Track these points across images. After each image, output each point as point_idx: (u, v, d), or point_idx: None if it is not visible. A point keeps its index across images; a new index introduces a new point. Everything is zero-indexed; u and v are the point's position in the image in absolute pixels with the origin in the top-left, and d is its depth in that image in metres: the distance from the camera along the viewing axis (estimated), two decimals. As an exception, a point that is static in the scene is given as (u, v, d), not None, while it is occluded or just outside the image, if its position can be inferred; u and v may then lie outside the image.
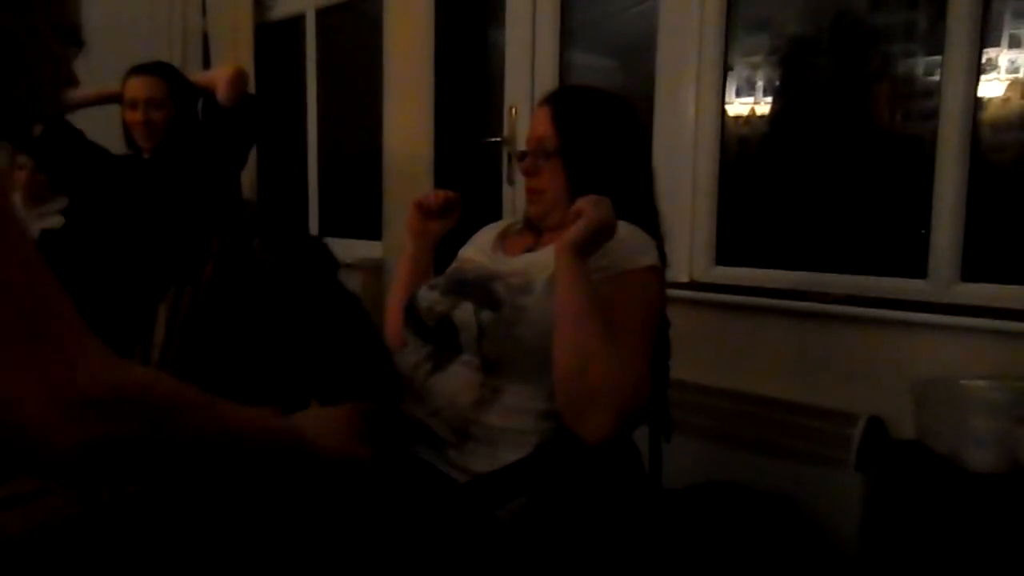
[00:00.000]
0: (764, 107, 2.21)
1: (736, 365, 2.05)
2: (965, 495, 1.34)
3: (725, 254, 2.23)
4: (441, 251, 1.54)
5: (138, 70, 2.33)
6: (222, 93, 2.36)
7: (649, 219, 1.35)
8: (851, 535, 1.71)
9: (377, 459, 1.08)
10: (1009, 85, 1.80)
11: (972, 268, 1.80)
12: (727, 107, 2.22)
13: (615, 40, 2.58)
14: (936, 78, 1.86)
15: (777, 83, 2.19)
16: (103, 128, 2.43)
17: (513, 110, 2.60)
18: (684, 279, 2.21)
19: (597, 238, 1.15)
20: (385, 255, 2.88)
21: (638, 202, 1.35)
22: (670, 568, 1.54)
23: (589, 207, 1.14)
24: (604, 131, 1.34)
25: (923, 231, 1.85)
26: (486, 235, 1.48)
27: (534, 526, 1.14)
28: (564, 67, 2.58)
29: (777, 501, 1.73)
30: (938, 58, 1.84)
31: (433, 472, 1.18)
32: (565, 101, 1.37)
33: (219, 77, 2.41)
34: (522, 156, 1.37)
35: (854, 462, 1.71)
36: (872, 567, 1.66)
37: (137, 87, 2.30)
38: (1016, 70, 1.79)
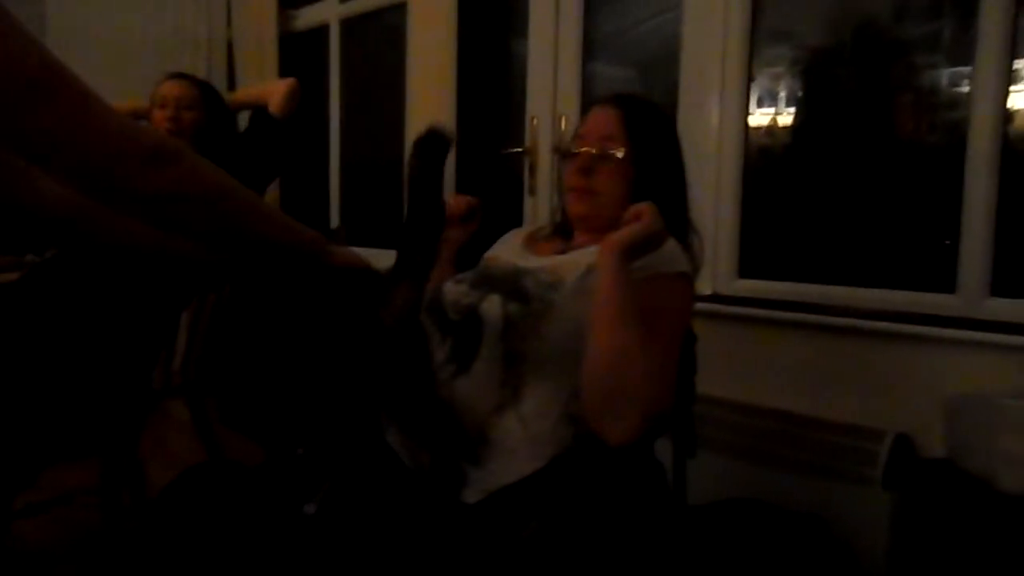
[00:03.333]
0: (786, 118, 2.20)
1: (759, 380, 2.03)
2: (996, 516, 1.31)
3: (748, 266, 2.21)
4: (465, 258, 1.54)
5: (172, 76, 2.35)
6: (277, 105, 2.37)
7: (685, 235, 1.35)
8: (879, 554, 1.68)
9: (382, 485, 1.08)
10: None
11: (1003, 283, 1.77)
12: (749, 118, 2.21)
13: (637, 51, 2.57)
14: (962, 89, 1.84)
15: (800, 94, 2.18)
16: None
17: (535, 120, 2.60)
18: (707, 292, 2.19)
19: (648, 245, 1.13)
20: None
21: (681, 217, 1.34)
22: (694, 586, 1.52)
23: (651, 212, 1.13)
24: (668, 142, 1.34)
25: (948, 242, 1.82)
26: (513, 238, 1.47)
27: (555, 543, 1.13)
28: (586, 78, 2.57)
29: (804, 519, 1.71)
30: (964, 69, 1.82)
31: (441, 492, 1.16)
32: (635, 108, 1.34)
33: (275, 90, 2.42)
34: (570, 154, 1.33)
35: (881, 480, 1.68)
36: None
37: (170, 87, 2.30)
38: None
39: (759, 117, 2.22)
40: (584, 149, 1.31)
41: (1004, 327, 1.68)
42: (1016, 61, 1.76)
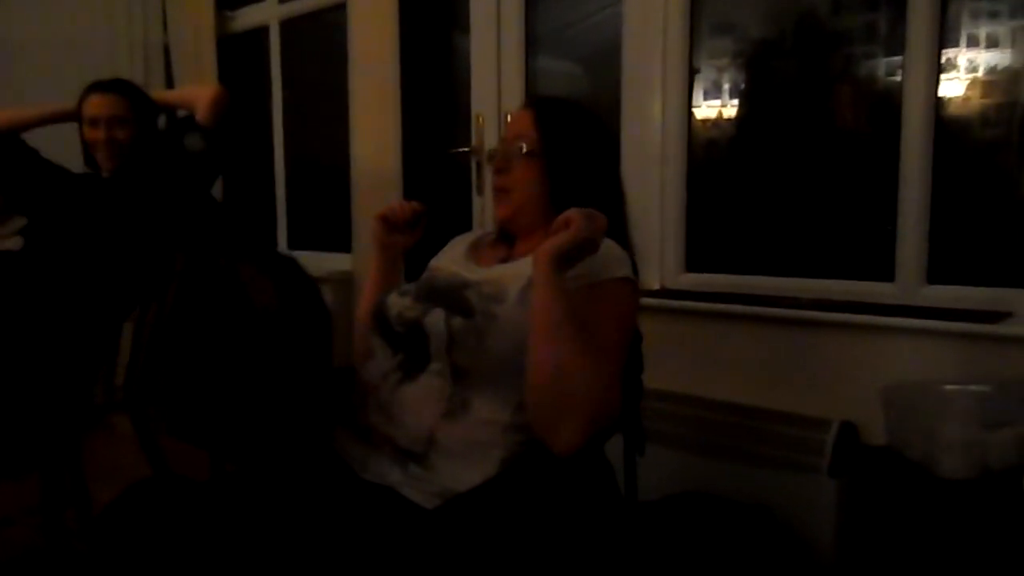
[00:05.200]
0: (731, 110, 2.21)
1: (707, 372, 2.04)
2: (936, 501, 1.33)
3: (695, 260, 2.22)
4: (413, 263, 1.52)
5: (98, 87, 2.28)
6: (203, 113, 2.32)
7: (620, 232, 1.34)
8: (827, 542, 1.70)
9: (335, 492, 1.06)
10: (969, 84, 1.81)
11: (939, 270, 1.81)
12: (695, 110, 2.22)
13: (582, 46, 2.57)
14: (897, 79, 1.86)
15: (742, 86, 2.20)
16: (57, 146, 2.38)
17: (480, 118, 2.58)
18: (655, 286, 2.20)
19: (581, 252, 1.13)
20: (355, 268, 2.85)
21: (612, 215, 1.34)
22: (647, 582, 1.53)
23: (580, 219, 1.12)
24: (584, 138, 1.34)
25: (889, 227, 1.85)
26: (458, 245, 1.47)
27: (507, 546, 1.13)
28: (531, 74, 2.56)
29: (752, 509, 1.72)
30: (899, 59, 1.85)
31: (397, 499, 1.15)
32: (548, 106, 1.37)
33: (200, 96, 2.36)
34: (493, 154, 1.36)
35: (827, 468, 1.70)
36: (849, 574, 1.65)
37: (98, 104, 2.25)
38: (975, 69, 1.80)
39: (705, 109, 2.23)
40: (493, 148, 1.36)
41: (941, 313, 1.72)
42: (945, 51, 1.79)
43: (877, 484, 1.54)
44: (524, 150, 1.31)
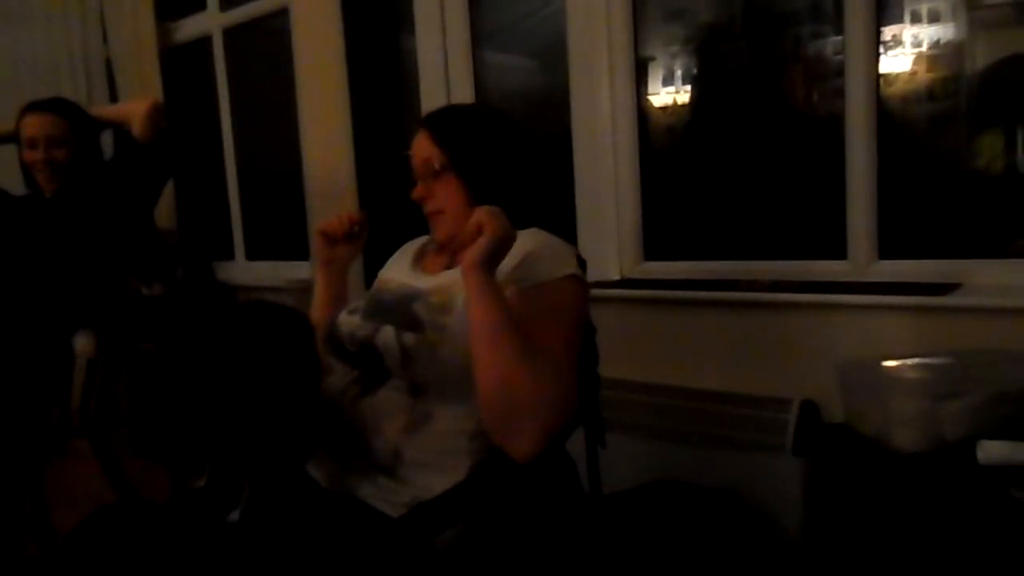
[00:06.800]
0: (685, 96, 2.21)
1: (669, 360, 2.04)
2: (893, 475, 1.35)
3: (655, 249, 2.22)
4: (370, 268, 1.50)
5: (34, 107, 2.23)
6: (138, 128, 2.27)
7: (546, 222, 1.33)
8: (795, 522, 1.72)
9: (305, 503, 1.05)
10: (914, 59, 1.82)
11: (890, 246, 1.82)
12: (652, 98, 2.22)
13: (531, 41, 2.56)
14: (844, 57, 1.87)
15: (694, 71, 2.20)
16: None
17: (430, 118, 2.56)
18: (615, 277, 2.20)
19: (502, 249, 1.12)
20: (313, 275, 2.81)
21: (534, 202, 1.34)
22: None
23: (489, 218, 1.11)
24: (485, 137, 1.33)
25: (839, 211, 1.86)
26: (405, 254, 1.46)
27: (472, 551, 1.12)
28: (479, 71, 2.54)
29: (718, 495, 1.73)
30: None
31: (364, 508, 1.14)
32: (439, 120, 1.35)
33: (134, 111, 2.31)
34: (411, 188, 1.35)
35: (791, 447, 1.71)
36: (816, 552, 1.66)
37: (36, 125, 2.20)
38: (919, 44, 1.82)
39: (664, 97, 2.23)
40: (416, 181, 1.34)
41: (892, 288, 1.73)
42: (890, 27, 1.81)
43: (837, 461, 1.55)
44: (435, 168, 1.30)
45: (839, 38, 1.88)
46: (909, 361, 1.37)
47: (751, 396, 1.84)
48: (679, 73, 2.22)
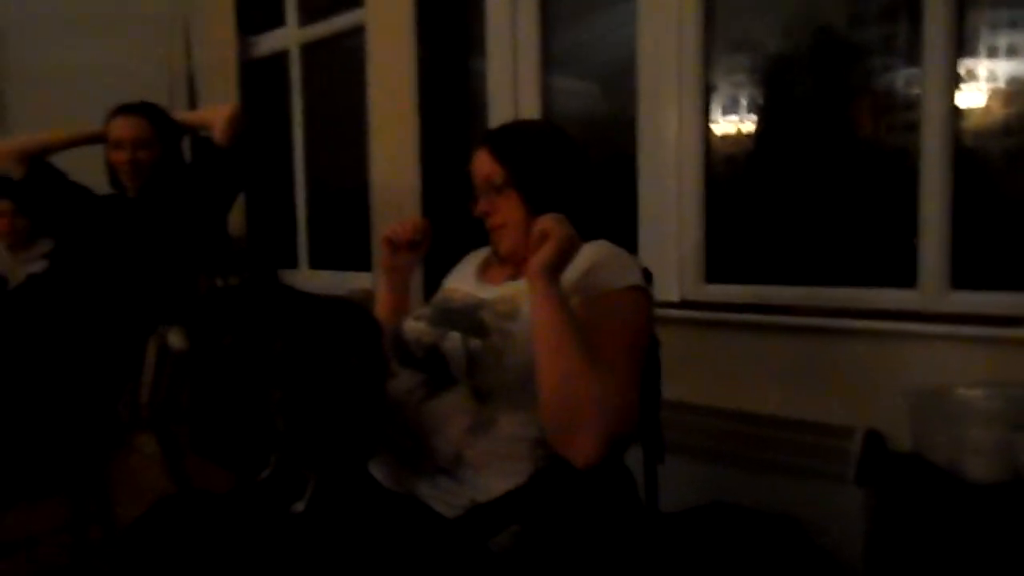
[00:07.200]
0: (749, 125, 2.22)
1: (730, 383, 2.03)
2: (966, 506, 1.31)
3: (717, 272, 2.22)
4: (432, 277, 1.53)
5: (123, 110, 2.32)
6: (220, 133, 2.36)
7: (613, 232, 1.35)
8: (855, 551, 1.68)
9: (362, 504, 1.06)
10: (989, 94, 1.80)
11: (962, 276, 1.80)
12: (712, 126, 2.23)
13: (597, 65, 2.59)
14: (917, 91, 1.86)
15: (760, 101, 2.20)
16: (84, 168, 2.43)
17: (498, 137, 2.60)
18: (674, 298, 2.20)
19: (567, 255, 1.14)
20: (376, 285, 2.86)
21: (594, 212, 1.35)
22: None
23: (554, 225, 1.13)
24: (544, 152, 1.34)
25: (913, 239, 1.84)
26: (469, 264, 1.48)
27: (528, 556, 1.12)
28: (546, 93, 2.59)
29: (777, 520, 1.71)
30: (917, 70, 1.85)
31: (422, 508, 1.15)
32: (499, 137, 1.38)
33: (217, 116, 2.40)
34: (475, 203, 1.37)
35: (854, 476, 1.68)
36: (877, 583, 1.63)
37: (123, 127, 2.29)
38: (995, 79, 1.80)
39: (723, 125, 2.24)
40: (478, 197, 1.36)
41: (965, 319, 1.70)
42: (965, 61, 1.79)
43: (904, 492, 1.51)
44: (497, 184, 1.32)
45: (911, 71, 1.87)
46: (984, 390, 1.34)
47: (813, 423, 1.81)
48: (743, 102, 2.22)
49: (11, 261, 2.98)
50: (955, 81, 1.80)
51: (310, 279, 3.41)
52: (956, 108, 1.80)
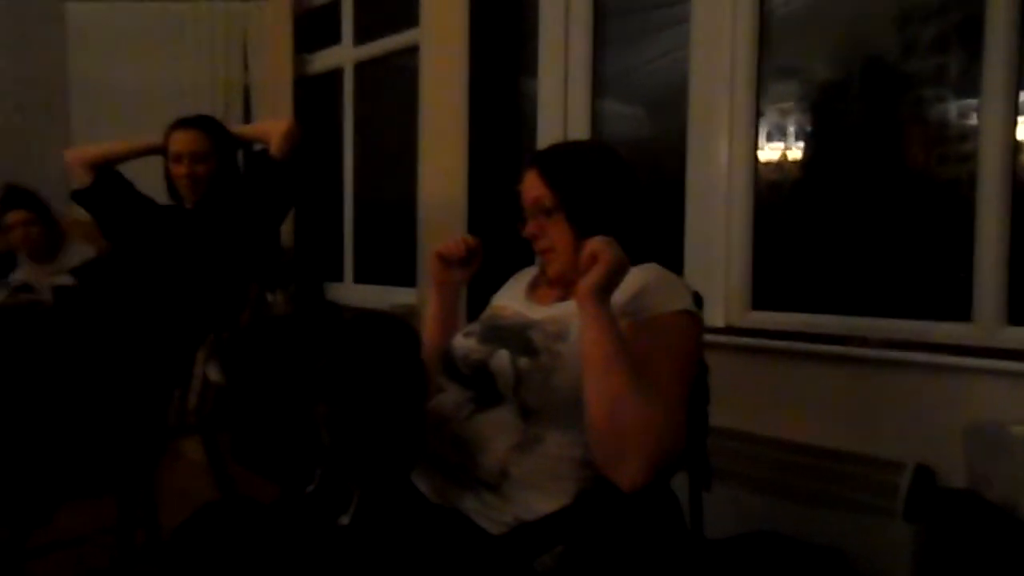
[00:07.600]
0: (796, 152, 2.21)
1: (776, 412, 2.01)
2: (1021, 545, 1.28)
3: (763, 299, 2.21)
4: (478, 295, 1.54)
5: (182, 124, 2.38)
6: (276, 147, 2.41)
7: (658, 257, 1.34)
8: (902, 588, 1.65)
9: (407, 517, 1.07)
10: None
11: (1018, 311, 1.77)
12: (758, 153, 2.23)
13: (646, 90, 2.60)
14: (971, 122, 1.85)
15: (808, 128, 2.20)
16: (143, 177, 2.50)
17: (546, 158, 2.62)
18: (720, 324, 2.19)
19: (616, 277, 1.14)
20: (420, 301, 2.90)
21: (643, 237, 1.34)
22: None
23: (603, 248, 1.13)
24: (594, 177, 1.33)
25: (963, 275, 1.82)
26: (518, 283, 1.48)
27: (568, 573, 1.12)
28: (596, 116, 2.60)
29: (823, 552, 1.68)
30: (971, 101, 1.84)
31: (466, 523, 1.16)
32: (549, 158, 1.36)
33: (273, 130, 2.45)
34: (524, 224, 1.36)
35: (902, 512, 1.65)
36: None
37: (182, 141, 2.35)
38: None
39: (769, 152, 2.23)
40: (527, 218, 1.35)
41: (1021, 355, 1.67)
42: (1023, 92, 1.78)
43: (957, 528, 1.48)
44: (546, 207, 1.31)
45: (965, 101, 1.86)
46: (1043, 428, 1.32)
47: (860, 455, 1.79)
48: (791, 129, 2.22)
49: (35, 272, 2.90)
50: (1015, 113, 1.78)
51: (354, 292, 3.45)
52: (1016, 140, 1.78)
